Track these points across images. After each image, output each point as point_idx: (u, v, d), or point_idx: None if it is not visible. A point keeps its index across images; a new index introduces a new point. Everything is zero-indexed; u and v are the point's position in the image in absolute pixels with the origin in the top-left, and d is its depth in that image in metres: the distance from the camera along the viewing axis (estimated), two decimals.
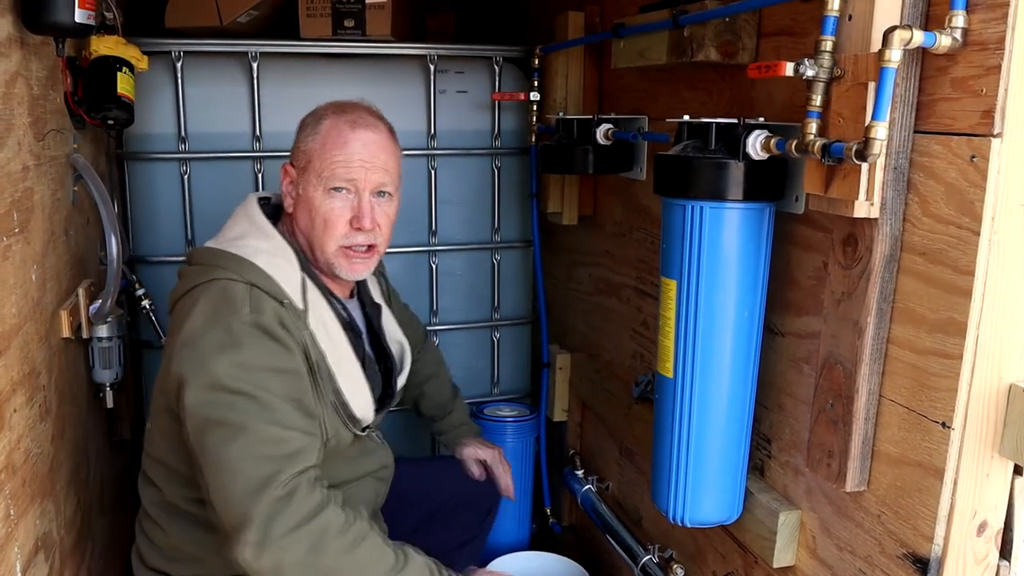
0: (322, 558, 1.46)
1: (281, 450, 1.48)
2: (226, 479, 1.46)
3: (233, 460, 1.46)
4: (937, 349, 1.21)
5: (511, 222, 2.69)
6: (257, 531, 1.42)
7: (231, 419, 1.47)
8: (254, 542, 1.43)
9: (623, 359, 2.31)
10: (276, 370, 1.52)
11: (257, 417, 1.48)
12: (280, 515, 1.44)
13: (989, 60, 1.11)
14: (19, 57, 1.50)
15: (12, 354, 1.40)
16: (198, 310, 1.55)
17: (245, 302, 1.54)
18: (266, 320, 1.53)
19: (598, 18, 2.34)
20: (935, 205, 1.21)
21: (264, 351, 1.52)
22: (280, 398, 1.51)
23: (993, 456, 1.20)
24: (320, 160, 1.65)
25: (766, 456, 1.66)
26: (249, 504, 1.44)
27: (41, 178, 1.61)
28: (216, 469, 1.47)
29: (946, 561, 1.23)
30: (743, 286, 1.50)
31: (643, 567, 2.06)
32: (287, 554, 1.44)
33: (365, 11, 2.44)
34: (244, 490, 1.44)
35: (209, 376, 1.49)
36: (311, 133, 1.69)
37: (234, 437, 1.46)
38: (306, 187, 1.67)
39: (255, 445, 1.47)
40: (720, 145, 1.48)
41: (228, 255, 1.62)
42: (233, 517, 1.45)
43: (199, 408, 1.49)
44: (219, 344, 1.50)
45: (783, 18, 1.55)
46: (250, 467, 1.46)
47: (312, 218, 1.66)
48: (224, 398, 1.48)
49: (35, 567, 1.47)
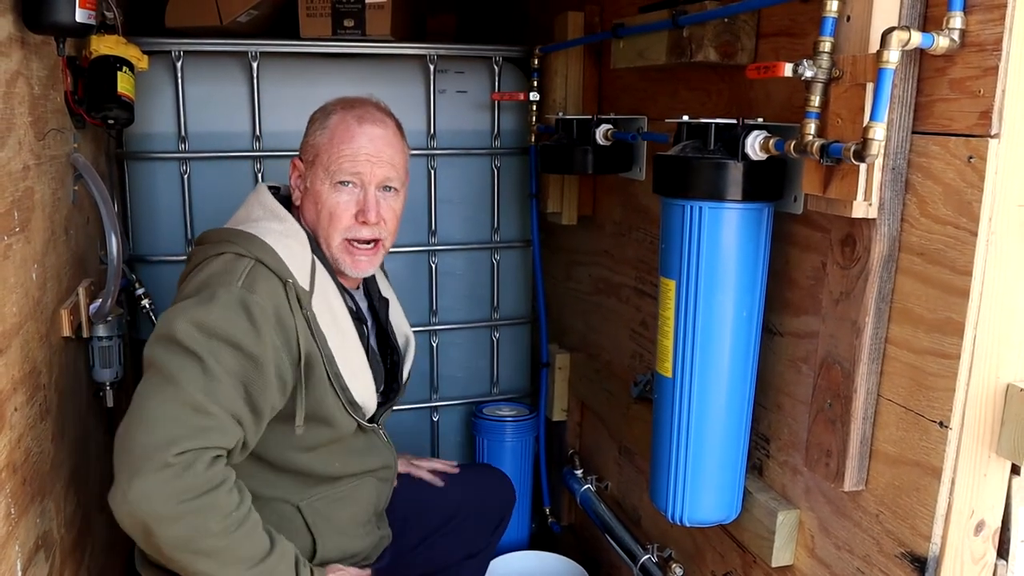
0: (198, 537, 1.43)
1: (197, 421, 1.44)
2: (135, 424, 1.43)
3: (149, 410, 1.43)
4: (935, 349, 1.21)
5: (511, 222, 2.69)
6: (136, 489, 1.38)
7: (167, 371, 1.45)
8: (131, 499, 1.38)
9: (622, 359, 2.31)
10: (235, 346, 1.49)
11: (190, 379, 1.45)
12: (168, 484, 1.40)
13: (987, 61, 1.11)
14: (20, 56, 1.50)
15: (13, 353, 1.40)
16: (197, 278, 1.56)
17: (241, 276, 1.53)
18: (252, 299, 1.51)
19: (597, 18, 2.35)
20: (933, 205, 1.21)
21: (232, 323, 1.49)
22: (225, 373, 1.48)
23: (990, 456, 1.21)
24: (327, 154, 1.66)
25: (765, 456, 1.66)
26: (142, 458, 1.39)
27: (41, 177, 1.61)
28: (132, 411, 1.45)
29: (944, 560, 1.24)
30: (742, 286, 1.51)
31: (642, 566, 2.06)
32: (161, 523, 1.40)
33: (365, 11, 2.45)
34: (145, 443, 1.40)
35: (169, 328, 1.47)
36: (320, 127, 1.70)
37: (161, 388, 1.44)
38: (313, 180, 1.68)
39: (176, 404, 1.43)
40: (719, 145, 1.48)
41: (239, 232, 1.62)
42: (124, 462, 1.40)
43: (148, 353, 1.48)
44: (194, 304, 1.49)
45: (782, 19, 1.56)
46: (161, 423, 1.42)
47: (318, 211, 1.67)
48: (171, 349, 1.46)
49: (35, 566, 1.48)
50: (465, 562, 2.11)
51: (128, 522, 1.40)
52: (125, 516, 1.40)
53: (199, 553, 1.43)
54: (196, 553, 1.43)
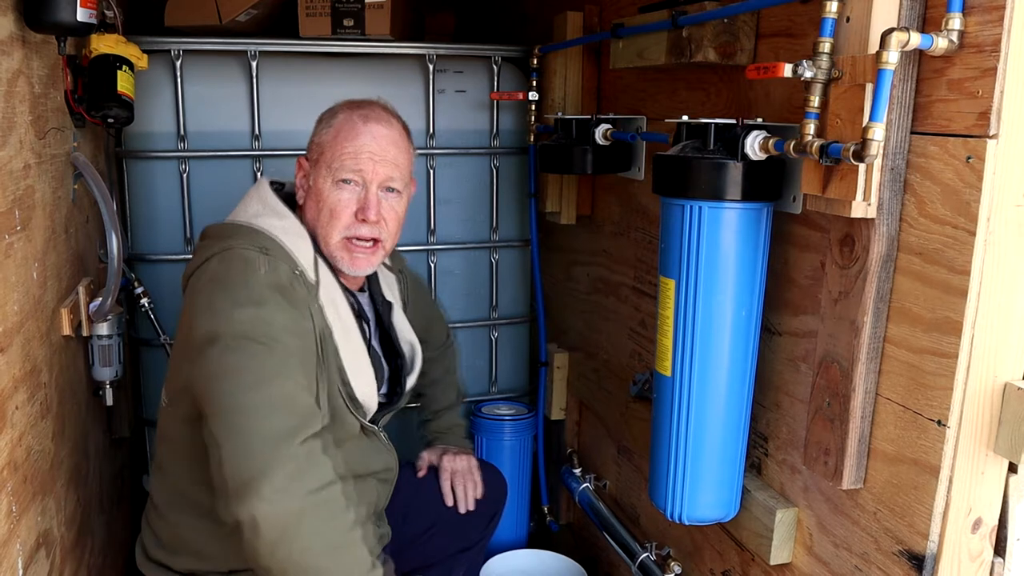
0: (328, 528, 1.43)
1: (297, 408, 1.46)
2: (241, 429, 1.41)
3: (251, 410, 1.42)
4: (933, 348, 1.22)
5: (509, 221, 2.70)
6: (275, 486, 1.37)
7: (250, 369, 1.45)
8: (270, 497, 1.36)
9: (621, 358, 2.32)
10: (292, 331, 1.52)
11: (274, 371, 1.46)
12: (301, 475, 1.40)
13: (985, 62, 1.12)
14: (21, 56, 1.51)
15: (14, 351, 1.41)
16: (216, 273, 1.55)
17: (262, 264, 1.55)
18: (283, 280, 1.55)
19: (597, 18, 2.35)
20: (931, 205, 1.22)
21: (281, 309, 1.52)
22: (295, 358, 1.50)
23: (988, 454, 1.22)
24: (331, 151, 1.67)
25: (763, 454, 1.67)
26: (270, 456, 1.39)
27: (42, 176, 1.62)
28: (230, 420, 1.42)
29: (941, 558, 1.24)
30: (741, 285, 1.51)
31: (640, 565, 2.07)
32: (299, 516, 1.39)
33: (364, 10, 2.45)
34: (264, 440, 1.40)
35: (232, 328, 1.47)
36: (326, 126, 1.72)
37: (253, 387, 1.43)
38: (316, 178, 1.69)
39: (274, 398, 1.44)
40: (719, 145, 1.49)
41: (243, 227, 1.63)
42: (249, 469, 1.38)
43: (220, 358, 1.46)
44: (239, 300, 1.50)
45: (781, 19, 1.56)
46: (268, 418, 1.42)
47: (319, 208, 1.68)
48: (246, 348, 1.46)
49: (36, 564, 1.48)
50: (459, 556, 2.11)
51: (272, 521, 1.37)
52: (267, 516, 1.37)
53: (329, 549, 1.42)
54: (325, 549, 1.42)
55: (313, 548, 1.40)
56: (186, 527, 1.67)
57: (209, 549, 1.66)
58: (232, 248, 1.58)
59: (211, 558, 1.67)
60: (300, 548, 1.39)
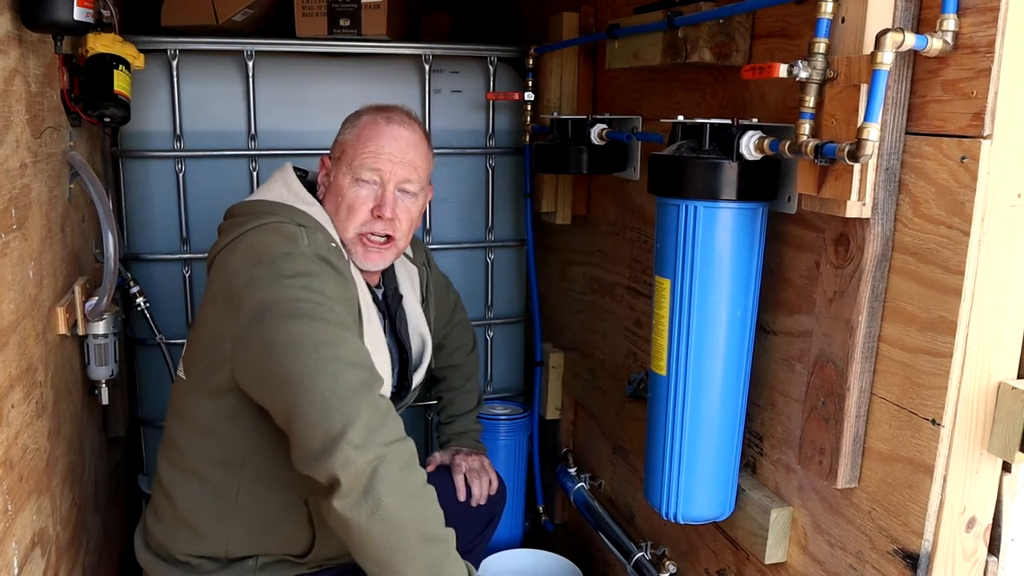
0: (412, 478, 1.45)
1: (367, 360, 1.51)
2: (325, 385, 1.43)
3: (329, 364, 1.44)
4: (927, 347, 1.23)
5: (505, 221, 2.70)
6: (362, 432, 1.39)
7: (312, 334, 1.47)
8: (359, 443, 1.38)
9: (616, 358, 2.33)
10: (342, 298, 1.57)
11: (336, 333, 1.49)
12: (383, 424, 1.43)
13: (979, 63, 1.12)
14: (17, 55, 1.51)
15: (10, 350, 1.41)
16: (255, 248, 1.57)
17: (303, 236, 1.59)
18: (323, 250, 1.59)
19: (592, 19, 2.36)
20: (926, 205, 1.22)
21: (329, 278, 1.56)
22: (351, 321, 1.57)
23: (982, 453, 1.22)
24: (352, 150, 1.73)
25: (758, 453, 1.67)
26: (354, 405, 1.41)
27: (38, 175, 1.61)
28: (309, 379, 1.44)
29: (936, 556, 1.25)
30: (736, 285, 1.52)
31: (636, 564, 2.07)
32: (386, 461, 1.40)
33: (361, 10, 2.45)
34: (346, 392, 1.42)
35: (286, 295, 1.49)
36: (350, 127, 1.78)
37: (324, 346, 1.46)
38: (337, 175, 1.74)
39: (346, 352, 1.47)
40: (714, 145, 1.49)
41: (276, 204, 1.67)
42: (336, 421, 1.40)
43: (280, 325, 1.48)
44: (285, 271, 1.52)
45: (777, 20, 1.57)
46: (347, 371, 1.44)
47: (338, 204, 1.72)
48: (304, 310, 1.48)
49: (32, 563, 1.48)
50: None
51: (360, 465, 1.38)
52: (356, 461, 1.38)
53: (415, 497, 1.44)
54: (410, 497, 1.43)
55: (397, 497, 1.41)
56: (189, 505, 1.67)
57: (210, 530, 1.66)
58: (268, 223, 1.61)
59: (212, 541, 1.67)
60: (388, 494, 1.39)
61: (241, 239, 1.60)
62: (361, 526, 1.41)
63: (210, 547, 1.68)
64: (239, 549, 1.68)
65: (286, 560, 1.71)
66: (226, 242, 1.63)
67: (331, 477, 1.40)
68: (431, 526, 1.47)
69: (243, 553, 1.69)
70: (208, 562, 1.69)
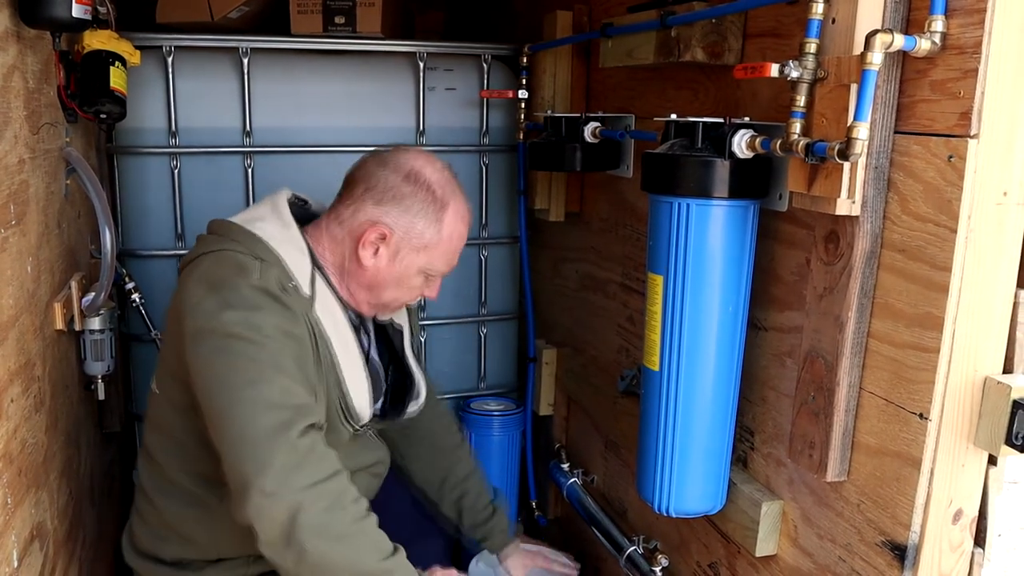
0: (337, 520, 1.43)
1: (292, 400, 1.47)
2: (239, 427, 1.43)
3: (246, 406, 1.44)
4: (915, 343, 1.25)
5: (498, 218, 2.71)
6: (274, 479, 1.39)
7: (242, 367, 1.47)
8: (270, 491, 1.38)
9: (609, 354, 2.34)
10: (284, 332, 1.53)
11: (267, 367, 1.47)
12: (300, 468, 1.42)
13: (967, 64, 1.14)
14: (15, 51, 1.51)
15: (9, 345, 1.42)
16: (208, 273, 1.57)
17: (255, 269, 1.56)
18: (272, 286, 1.55)
19: (586, 17, 2.37)
20: (914, 203, 1.24)
21: (272, 312, 1.53)
22: (288, 357, 1.52)
23: (969, 447, 1.24)
24: (436, 250, 1.70)
25: (749, 448, 1.69)
26: (265, 451, 1.40)
27: (36, 171, 1.62)
28: (227, 418, 1.45)
29: (923, 548, 1.27)
30: (728, 282, 1.53)
31: (628, 558, 2.09)
32: (305, 508, 1.40)
33: (356, 8, 2.46)
34: (259, 436, 1.42)
35: (221, 328, 1.49)
36: (433, 220, 1.69)
37: (247, 385, 1.45)
38: (402, 261, 1.69)
39: (267, 393, 1.45)
40: (706, 144, 1.51)
41: (243, 230, 1.63)
42: (247, 466, 1.41)
43: (210, 358, 1.49)
44: (229, 302, 1.51)
45: (768, 20, 1.58)
46: (263, 414, 1.43)
47: (384, 280, 1.70)
48: (235, 347, 1.48)
49: (31, 556, 1.49)
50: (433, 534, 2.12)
51: (274, 514, 1.39)
52: (269, 510, 1.38)
53: (342, 538, 1.43)
54: (337, 539, 1.43)
55: (322, 542, 1.41)
56: (173, 514, 1.68)
57: (197, 536, 1.67)
58: (227, 250, 1.59)
59: (199, 545, 1.68)
60: (311, 540, 1.40)
61: (201, 260, 1.60)
62: (289, 571, 1.42)
63: (198, 551, 1.70)
64: (229, 551, 1.69)
65: None
66: (191, 259, 1.64)
67: (248, 524, 1.41)
68: (366, 562, 1.46)
69: (234, 554, 1.70)
70: (200, 561, 1.71)
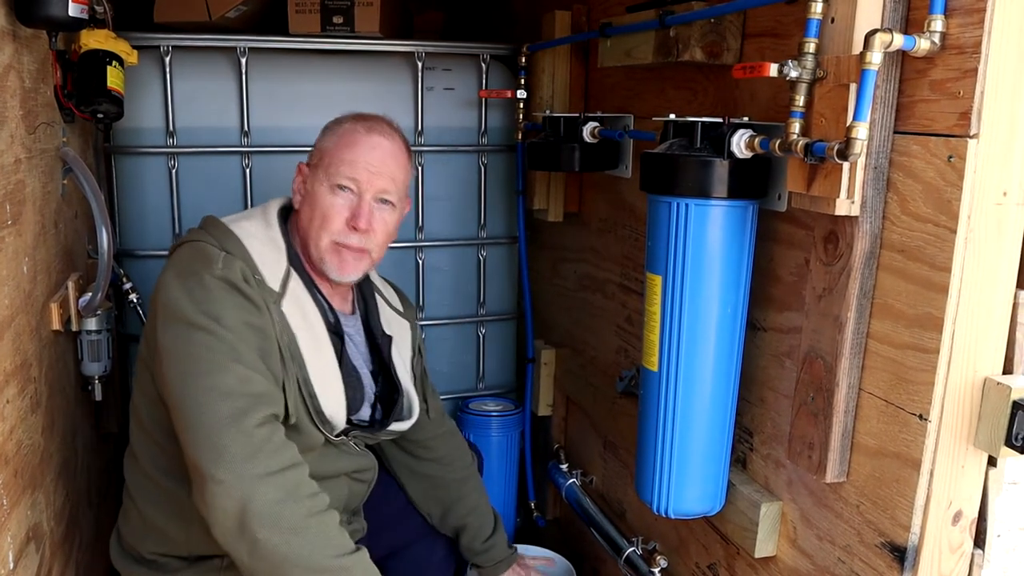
0: (290, 512, 1.43)
1: (248, 388, 1.48)
2: (195, 414, 1.44)
3: (202, 394, 1.45)
4: (914, 343, 1.24)
5: (497, 218, 2.71)
6: (227, 468, 1.39)
7: (199, 355, 1.48)
8: (222, 479, 1.39)
9: (607, 354, 2.34)
10: (245, 323, 1.53)
11: (225, 357, 1.48)
12: (254, 457, 1.42)
13: (966, 63, 1.14)
14: (11, 50, 1.51)
15: (5, 345, 1.41)
16: (178, 261, 1.60)
17: (218, 260, 1.57)
18: (234, 277, 1.55)
19: (584, 17, 2.37)
20: (913, 204, 1.24)
21: (233, 304, 1.53)
22: (247, 346, 1.52)
23: (968, 448, 1.24)
24: (330, 157, 1.70)
25: (748, 449, 1.69)
26: (219, 439, 1.42)
27: (32, 171, 1.62)
28: (185, 406, 1.46)
29: (922, 550, 1.27)
30: (727, 282, 1.53)
31: (627, 559, 2.08)
32: (256, 497, 1.40)
33: (354, 8, 2.46)
34: (213, 424, 1.43)
35: (182, 316, 1.51)
36: (330, 134, 1.75)
37: (204, 373, 1.47)
38: (314, 183, 1.71)
39: (223, 380, 1.46)
40: (705, 144, 1.50)
41: (221, 225, 1.66)
42: (202, 454, 1.42)
43: (172, 345, 1.51)
44: (191, 290, 1.53)
45: (767, 20, 1.58)
46: (218, 402, 1.44)
47: (313, 212, 1.69)
48: (195, 336, 1.49)
49: (27, 557, 1.48)
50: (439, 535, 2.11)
51: (226, 504, 1.39)
52: (221, 498, 1.39)
53: (295, 531, 1.43)
54: (291, 531, 1.42)
55: (274, 534, 1.41)
56: (152, 510, 1.68)
57: (171, 532, 1.67)
58: (200, 241, 1.62)
59: (174, 542, 1.68)
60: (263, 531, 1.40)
61: (179, 250, 1.64)
62: (244, 563, 1.43)
63: (174, 547, 1.70)
64: (202, 548, 1.68)
65: None
66: (174, 247, 1.68)
67: (201, 511, 1.42)
68: (320, 559, 1.45)
69: (207, 552, 1.68)
70: (175, 560, 1.71)
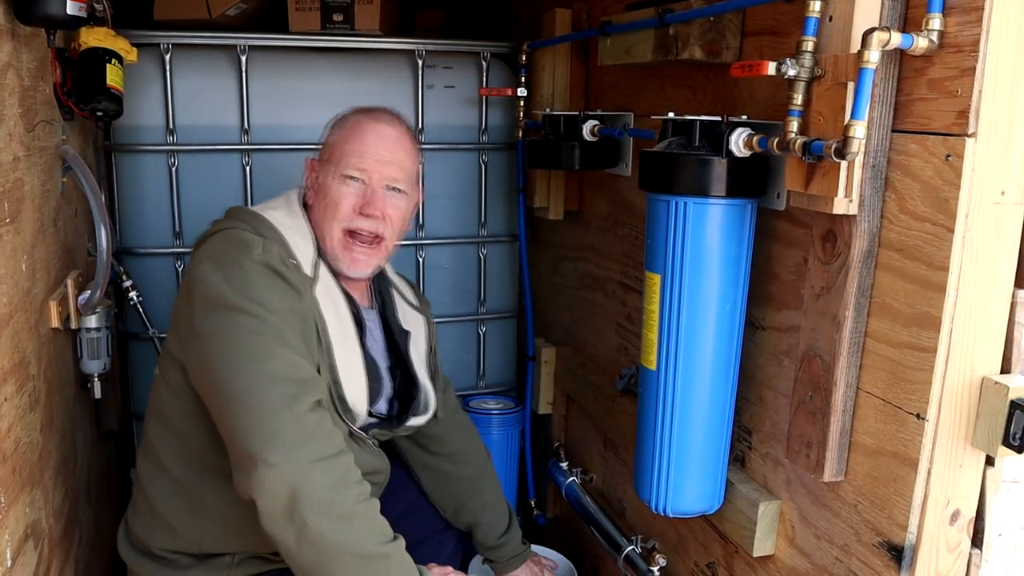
0: (341, 498, 1.43)
1: (298, 373, 1.48)
2: (244, 398, 1.43)
3: (252, 378, 1.44)
4: (912, 343, 1.24)
5: (497, 217, 2.71)
6: (280, 452, 1.38)
7: (247, 340, 1.47)
8: (275, 463, 1.38)
9: (607, 353, 2.34)
10: (287, 307, 1.55)
11: (270, 342, 1.48)
12: (307, 442, 1.42)
13: (964, 62, 1.14)
14: (10, 48, 1.51)
15: (3, 343, 1.41)
16: (214, 250, 1.60)
17: (257, 245, 1.58)
18: (274, 261, 1.57)
19: (584, 15, 2.36)
20: (911, 202, 1.24)
21: (274, 288, 1.55)
22: (292, 331, 1.53)
23: (966, 447, 1.24)
24: (339, 149, 1.72)
25: (747, 447, 1.69)
26: (271, 423, 1.41)
27: (31, 169, 1.62)
28: (232, 391, 1.45)
29: (920, 549, 1.26)
30: (725, 281, 1.53)
31: (626, 558, 2.08)
32: (309, 483, 1.39)
33: (354, 6, 2.46)
34: (265, 409, 1.42)
35: (225, 302, 1.50)
36: (336, 128, 1.77)
37: (252, 358, 1.46)
38: (324, 175, 1.73)
39: (273, 365, 1.46)
40: (704, 142, 1.50)
41: (252, 213, 1.68)
42: (253, 438, 1.40)
43: (213, 330, 1.50)
44: (232, 277, 1.53)
45: (766, 18, 1.58)
46: (269, 386, 1.44)
47: (323, 203, 1.71)
48: (241, 321, 1.49)
49: (24, 555, 1.49)
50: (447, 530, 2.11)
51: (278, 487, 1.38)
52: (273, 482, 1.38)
53: (344, 518, 1.42)
54: (339, 518, 1.42)
55: (324, 519, 1.40)
56: (163, 502, 1.68)
57: (182, 526, 1.67)
58: (233, 228, 1.63)
59: (185, 537, 1.68)
60: (313, 517, 1.39)
61: (209, 240, 1.64)
62: (290, 549, 1.42)
63: (184, 544, 1.70)
64: (213, 546, 1.69)
65: (262, 557, 1.70)
66: (202, 239, 1.68)
67: (250, 497, 1.41)
68: (366, 545, 1.45)
69: (218, 550, 1.69)
70: (184, 557, 1.71)
